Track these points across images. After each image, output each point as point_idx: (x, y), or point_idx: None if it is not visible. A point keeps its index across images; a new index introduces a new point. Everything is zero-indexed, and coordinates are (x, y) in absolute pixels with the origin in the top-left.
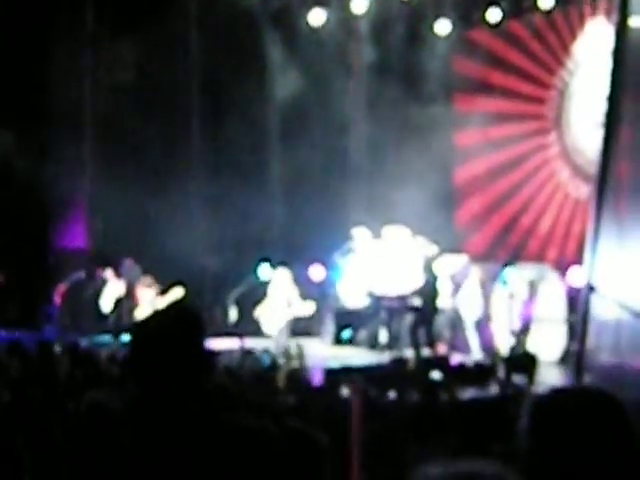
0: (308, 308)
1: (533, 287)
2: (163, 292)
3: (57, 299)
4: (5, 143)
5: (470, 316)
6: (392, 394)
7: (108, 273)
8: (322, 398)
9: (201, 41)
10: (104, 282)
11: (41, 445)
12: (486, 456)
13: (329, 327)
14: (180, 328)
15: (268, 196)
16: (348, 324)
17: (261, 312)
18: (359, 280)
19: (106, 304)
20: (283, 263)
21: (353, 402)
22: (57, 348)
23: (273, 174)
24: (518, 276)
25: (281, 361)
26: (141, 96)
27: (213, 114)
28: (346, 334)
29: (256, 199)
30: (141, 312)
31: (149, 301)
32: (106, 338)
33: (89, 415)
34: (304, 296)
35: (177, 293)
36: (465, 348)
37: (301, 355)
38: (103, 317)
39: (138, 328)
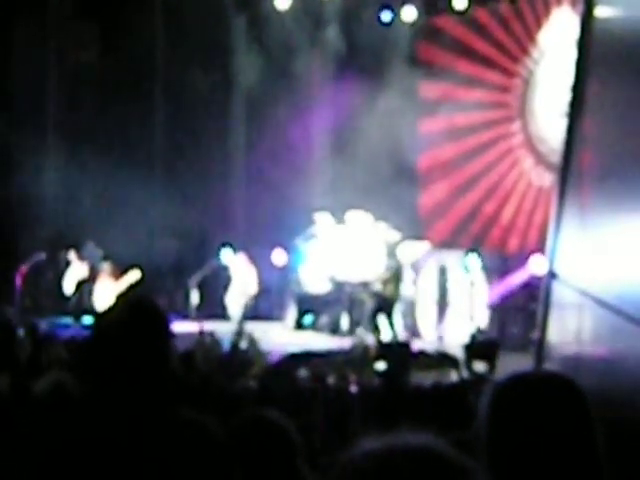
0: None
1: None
2: (122, 275)
3: (18, 280)
4: None
5: (429, 303)
6: (352, 379)
7: (71, 255)
8: (282, 382)
9: (166, 24)
10: (66, 264)
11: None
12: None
13: (291, 312)
14: (138, 320)
15: (232, 180)
16: (310, 309)
17: (229, 296)
18: (321, 265)
19: (68, 286)
20: (242, 247)
21: (313, 387)
22: (19, 330)
23: (237, 158)
24: (478, 263)
25: (242, 345)
26: (104, 77)
27: (176, 97)
28: (308, 319)
29: (220, 183)
30: (101, 295)
31: (109, 284)
32: (67, 320)
33: (51, 396)
34: (265, 280)
35: (135, 276)
36: (425, 335)
37: (259, 338)
38: (64, 299)
39: (99, 319)
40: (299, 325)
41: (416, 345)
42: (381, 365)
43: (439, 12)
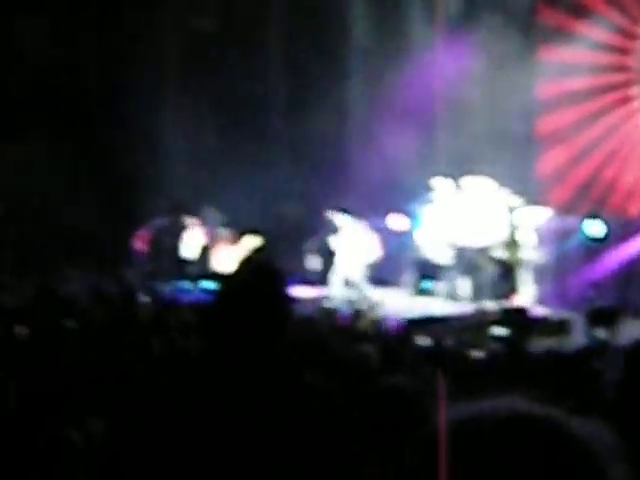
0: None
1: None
2: (241, 240)
3: (139, 245)
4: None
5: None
6: (471, 345)
7: (190, 220)
8: (402, 348)
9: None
10: (186, 229)
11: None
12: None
13: (409, 277)
14: (260, 282)
15: (347, 144)
16: (428, 275)
17: (345, 260)
18: (439, 231)
19: (188, 251)
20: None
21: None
22: (141, 295)
23: (353, 122)
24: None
25: (361, 309)
26: (222, 45)
27: (294, 61)
28: (426, 284)
29: (335, 148)
30: (220, 260)
31: (228, 249)
32: (187, 284)
33: (172, 358)
34: (382, 246)
35: (254, 241)
36: (548, 301)
37: (378, 304)
38: (184, 263)
39: (222, 283)
40: (417, 290)
41: (536, 311)
42: (500, 331)
43: None
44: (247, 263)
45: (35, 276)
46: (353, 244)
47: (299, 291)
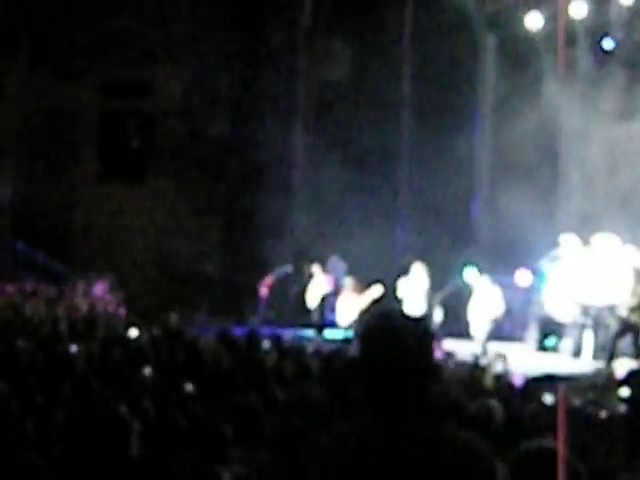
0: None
1: None
2: (365, 290)
3: (263, 291)
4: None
5: None
6: (595, 405)
7: (315, 268)
8: (526, 404)
9: (415, 42)
10: (310, 277)
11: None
12: None
13: (533, 333)
14: (415, 333)
15: (473, 198)
16: (552, 331)
17: (470, 315)
18: (566, 288)
19: (311, 299)
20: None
21: (559, 410)
22: (264, 340)
23: (479, 175)
24: None
25: (483, 362)
26: (353, 93)
27: (423, 116)
28: (550, 341)
29: (464, 198)
30: (344, 309)
31: (351, 298)
32: (309, 332)
33: (296, 406)
34: (507, 301)
35: (377, 291)
36: None
37: (504, 359)
38: (307, 311)
39: (371, 328)
40: (541, 347)
41: None
42: (625, 391)
43: None
44: (399, 314)
45: (162, 318)
46: (480, 299)
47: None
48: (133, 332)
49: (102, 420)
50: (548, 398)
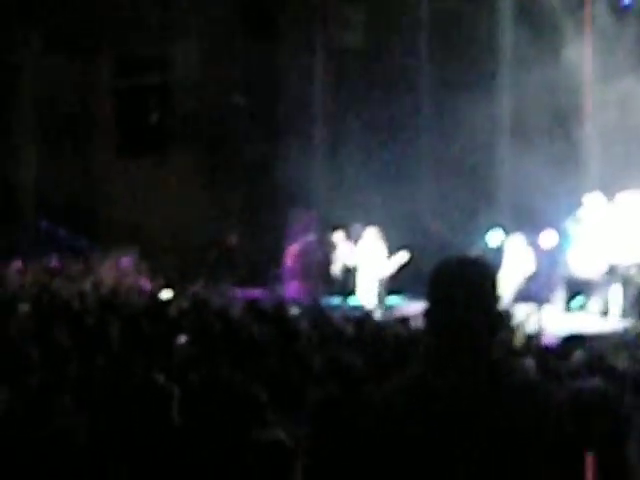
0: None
1: None
2: (390, 256)
3: (288, 260)
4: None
5: None
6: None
7: (338, 236)
8: (561, 362)
9: (431, 4)
10: (334, 245)
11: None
12: None
13: (560, 294)
14: (486, 278)
15: (498, 158)
16: (579, 291)
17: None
18: (592, 247)
19: (336, 267)
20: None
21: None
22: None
23: (501, 134)
24: None
25: (515, 323)
26: (370, 60)
27: (441, 80)
28: (577, 301)
29: (485, 161)
30: (366, 275)
31: (377, 264)
32: (335, 300)
33: (330, 372)
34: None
35: (403, 257)
36: None
37: (537, 318)
38: (332, 280)
39: (445, 275)
40: (568, 307)
41: None
42: None
43: None
44: (466, 260)
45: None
46: (510, 260)
47: None
48: (166, 294)
49: (142, 391)
50: (579, 355)
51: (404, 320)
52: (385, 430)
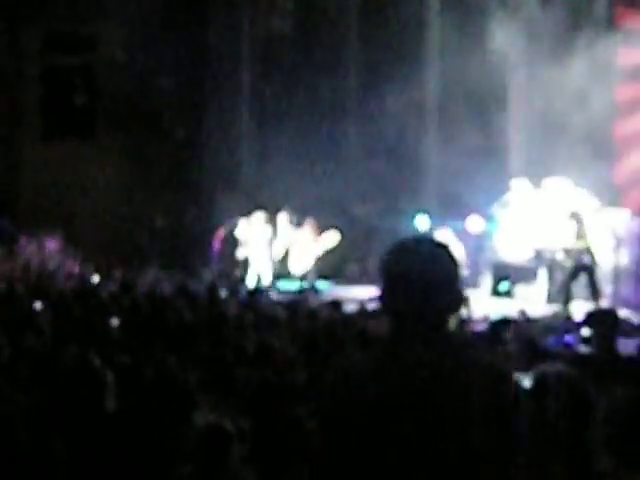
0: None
1: None
2: (321, 234)
3: (216, 244)
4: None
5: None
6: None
7: (258, 217)
8: (493, 347)
9: None
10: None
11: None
12: None
13: (486, 279)
14: (445, 256)
15: (424, 143)
16: (506, 276)
17: None
18: (518, 232)
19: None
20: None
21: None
22: (222, 291)
23: (428, 120)
24: None
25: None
26: (298, 44)
27: (369, 61)
28: (504, 286)
29: (412, 146)
30: (298, 257)
31: (306, 245)
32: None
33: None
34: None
35: (334, 237)
36: (627, 303)
37: (467, 304)
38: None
39: (402, 253)
40: (495, 292)
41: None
42: (586, 332)
43: None
44: (426, 241)
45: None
46: None
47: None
48: (95, 279)
49: (76, 374)
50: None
51: (336, 304)
52: (348, 389)
